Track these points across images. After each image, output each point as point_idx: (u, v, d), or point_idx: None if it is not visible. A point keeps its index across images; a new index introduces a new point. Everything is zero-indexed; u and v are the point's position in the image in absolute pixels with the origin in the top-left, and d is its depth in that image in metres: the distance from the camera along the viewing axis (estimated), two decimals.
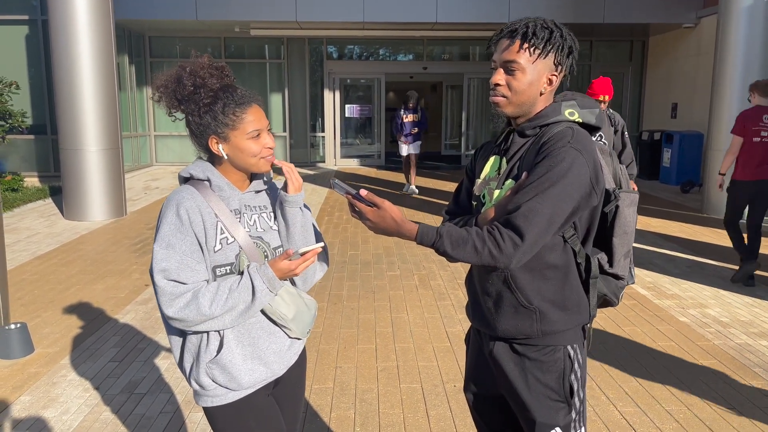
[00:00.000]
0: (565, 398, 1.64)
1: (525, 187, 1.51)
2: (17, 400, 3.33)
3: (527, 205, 1.47)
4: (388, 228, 1.52)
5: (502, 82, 1.59)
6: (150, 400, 3.33)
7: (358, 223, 8.11)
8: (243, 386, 1.66)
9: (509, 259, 1.47)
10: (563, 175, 1.48)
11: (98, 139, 8.23)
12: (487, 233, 1.49)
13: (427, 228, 1.52)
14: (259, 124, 1.64)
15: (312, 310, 1.78)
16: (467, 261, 1.50)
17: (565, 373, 1.63)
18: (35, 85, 12.27)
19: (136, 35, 13.82)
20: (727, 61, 8.58)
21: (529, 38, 1.55)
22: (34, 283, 5.44)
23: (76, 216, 8.30)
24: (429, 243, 1.51)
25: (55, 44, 8.03)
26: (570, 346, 1.64)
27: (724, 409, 3.23)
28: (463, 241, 1.49)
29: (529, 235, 1.46)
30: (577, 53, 1.62)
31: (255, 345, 1.69)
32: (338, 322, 4.49)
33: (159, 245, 1.58)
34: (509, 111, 1.61)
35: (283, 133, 14.90)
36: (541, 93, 1.60)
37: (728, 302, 4.97)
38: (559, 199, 1.48)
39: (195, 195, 1.63)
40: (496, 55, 1.61)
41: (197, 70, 1.64)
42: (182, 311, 1.54)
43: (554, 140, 1.54)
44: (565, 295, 1.62)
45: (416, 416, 3.15)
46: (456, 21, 12.31)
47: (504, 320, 1.64)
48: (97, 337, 4.21)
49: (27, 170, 12.35)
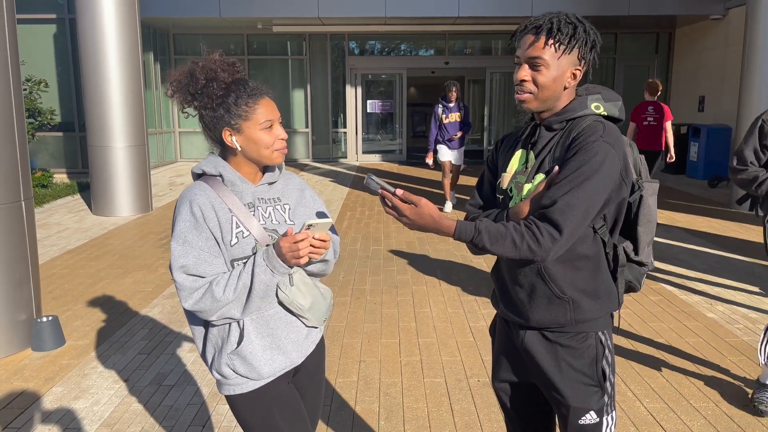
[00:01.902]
0: (598, 382, 1.68)
1: (559, 181, 1.53)
2: (49, 391, 3.42)
3: (563, 200, 1.50)
4: (426, 225, 1.54)
5: (528, 78, 1.60)
6: (177, 391, 3.38)
7: (380, 219, 8.13)
8: (263, 376, 1.70)
9: (547, 253, 1.50)
10: (597, 169, 1.51)
11: (125, 135, 8.36)
12: (524, 228, 1.51)
13: (464, 224, 1.54)
14: (271, 114, 1.67)
15: (327, 299, 1.82)
16: (506, 255, 1.52)
17: (597, 358, 1.67)
18: (63, 83, 12.49)
19: (161, 33, 13.98)
20: (756, 53, 8.39)
21: (554, 34, 1.56)
22: (64, 277, 5.56)
23: (104, 211, 8.45)
24: (468, 239, 1.53)
25: (83, 43, 8.17)
26: (601, 332, 1.69)
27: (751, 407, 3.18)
28: (502, 236, 1.51)
29: (567, 229, 1.49)
30: (599, 47, 1.64)
31: (273, 335, 1.72)
32: (361, 317, 4.51)
33: (176, 242, 1.62)
34: (535, 107, 1.63)
35: (305, 129, 14.96)
36: (565, 87, 1.62)
37: (757, 298, 4.89)
38: (594, 192, 1.51)
39: (208, 191, 1.66)
40: (520, 51, 1.62)
41: (209, 64, 1.67)
42: (199, 302, 1.59)
43: (586, 134, 1.56)
44: (596, 284, 1.66)
45: (440, 410, 3.16)
46: (478, 15, 12.23)
47: (537, 311, 1.67)
48: (125, 330, 4.29)
49: (56, 167, 12.59)
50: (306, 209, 1.81)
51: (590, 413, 1.67)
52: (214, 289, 1.59)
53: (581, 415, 1.67)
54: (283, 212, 1.76)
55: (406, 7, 12.12)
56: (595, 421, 1.67)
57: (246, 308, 1.64)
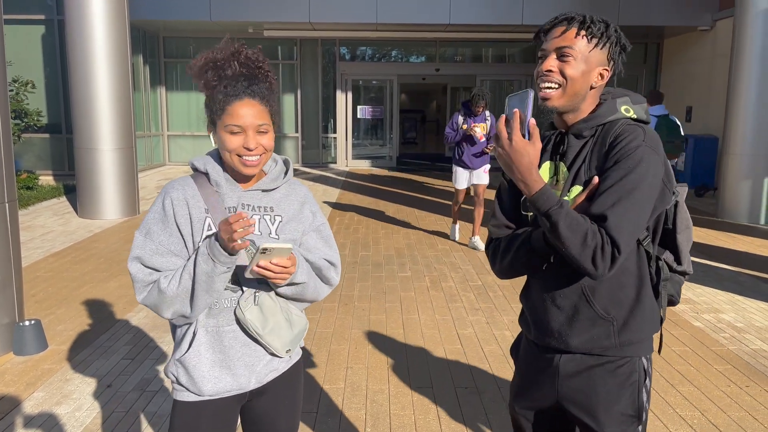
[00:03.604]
0: (636, 412, 1.56)
1: (604, 191, 1.42)
2: (30, 396, 3.36)
3: (614, 213, 1.38)
4: (521, 166, 1.39)
5: (555, 68, 1.47)
6: (161, 397, 3.34)
7: (369, 224, 8.11)
8: (204, 393, 1.61)
9: (605, 270, 1.39)
10: (644, 177, 1.41)
11: (112, 138, 8.29)
12: (597, 230, 1.38)
13: (550, 190, 1.40)
14: (241, 120, 1.54)
15: (296, 329, 1.66)
16: (566, 247, 1.38)
17: (639, 387, 1.55)
18: (51, 84, 12.39)
19: (151, 36, 13.92)
20: (743, 64, 8.49)
21: (587, 26, 1.47)
22: (48, 281, 5.49)
23: (90, 214, 8.37)
24: (545, 206, 1.38)
25: (71, 44, 8.11)
26: (645, 357, 1.56)
27: (738, 415, 3.19)
28: (579, 224, 1.38)
29: (623, 245, 1.38)
30: (626, 55, 1.54)
31: (226, 353, 1.62)
32: (349, 323, 4.49)
33: (139, 232, 1.59)
34: (560, 104, 1.50)
35: (295, 133, 14.94)
36: (592, 87, 1.50)
37: (743, 307, 4.91)
38: (644, 202, 1.41)
39: (187, 187, 1.61)
40: (547, 43, 1.50)
41: (239, 54, 1.61)
42: (148, 296, 1.56)
43: (626, 140, 1.45)
44: (641, 301, 1.53)
45: (427, 418, 3.14)
46: (469, 22, 12.28)
47: (579, 334, 1.54)
48: (109, 335, 4.24)
49: (42, 169, 12.47)
50: (299, 225, 1.68)
51: None
52: (161, 281, 1.54)
53: None
54: (271, 224, 1.64)
55: (397, 14, 12.15)
56: None
57: (193, 304, 1.54)
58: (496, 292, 5.25)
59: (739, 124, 8.57)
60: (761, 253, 6.75)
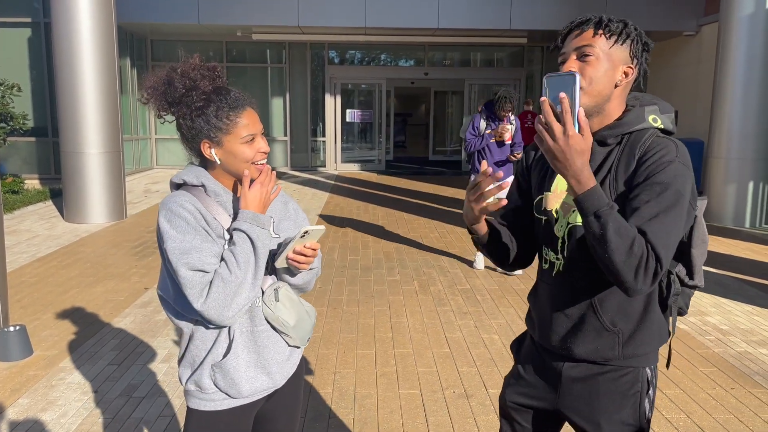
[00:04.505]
0: (638, 422, 1.54)
1: (642, 206, 1.36)
2: (15, 402, 3.32)
3: (655, 227, 1.33)
4: (575, 164, 1.31)
5: (576, 68, 1.42)
6: (148, 403, 3.32)
7: (358, 228, 8.11)
8: (242, 394, 1.63)
9: (646, 285, 1.33)
10: (681, 195, 1.36)
11: (99, 142, 8.23)
12: (643, 241, 1.32)
13: (601, 191, 1.33)
14: (253, 128, 1.59)
15: (312, 317, 1.76)
16: (610, 252, 1.31)
17: (642, 397, 1.53)
18: (37, 87, 12.29)
19: (138, 38, 13.85)
20: (728, 68, 8.59)
21: (605, 25, 1.44)
22: (33, 286, 5.44)
23: (77, 219, 8.30)
24: (595, 206, 1.31)
25: (57, 47, 8.05)
26: (649, 367, 1.54)
27: (724, 418, 3.22)
28: (627, 230, 1.31)
29: (665, 260, 1.32)
30: (649, 54, 1.49)
31: (260, 353, 1.65)
32: (338, 327, 4.48)
33: (172, 243, 1.51)
34: (583, 102, 1.44)
35: (284, 137, 14.91)
36: (616, 85, 1.45)
37: (728, 310, 4.96)
38: (680, 219, 1.36)
39: (192, 199, 1.58)
40: (566, 46, 1.47)
41: (188, 71, 1.57)
42: (211, 295, 1.50)
43: (660, 155, 1.40)
44: (649, 315, 1.51)
45: (415, 422, 3.14)
46: (457, 27, 12.34)
47: (584, 344, 1.52)
48: (96, 340, 4.20)
49: (28, 172, 12.36)
50: (290, 223, 1.76)
51: None
52: (222, 273, 1.51)
53: None
54: (269, 221, 1.71)
55: (385, 18, 12.18)
56: None
57: (255, 278, 1.55)
58: (484, 295, 5.27)
59: (725, 128, 8.67)
60: (746, 256, 6.82)
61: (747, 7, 8.33)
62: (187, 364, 1.65)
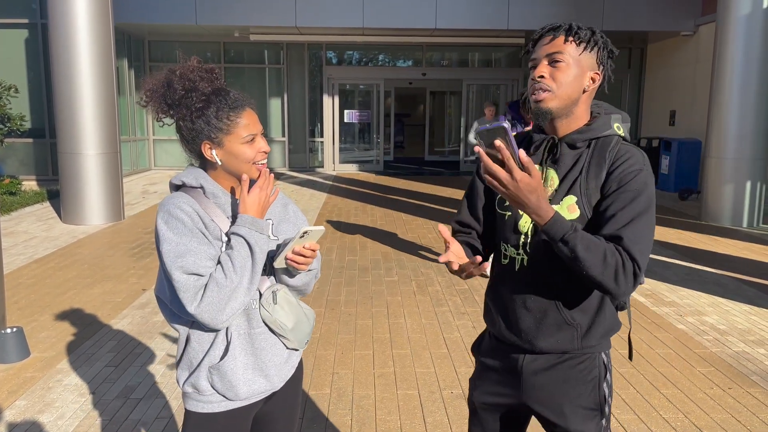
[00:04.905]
0: (599, 406, 1.63)
1: (615, 214, 1.45)
2: (12, 404, 3.32)
3: (629, 232, 1.42)
4: (528, 200, 1.36)
5: (546, 74, 1.52)
6: (146, 405, 3.31)
7: (356, 229, 8.11)
8: (240, 396, 1.63)
9: (628, 287, 1.42)
10: (651, 201, 1.47)
11: (97, 143, 8.22)
12: (615, 249, 1.41)
13: (562, 217, 1.41)
14: (253, 128, 1.60)
15: (311, 320, 1.75)
16: (587, 269, 1.40)
17: (599, 382, 1.63)
18: (34, 88, 12.28)
19: (136, 39, 13.84)
20: (725, 68, 8.60)
21: (574, 32, 1.52)
22: (30, 287, 5.43)
23: (74, 220, 8.29)
24: (560, 233, 1.39)
25: (55, 48, 8.04)
26: (604, 352, 1.64)
27: (721, 417, 3.22)
28: (596, 245, 1.40)
29: (642, 261, 1.41)
30: (613, 62, 1.60)
31: (258, 355, 1.65)
32: (336, 328, 4.48)
33: (168, 245, 1.51)
34: (553, 105, 1.52)
35: (282, 138, 14.91)
36: (584, 91, 1.55)
37: (726, 310, 4.97)
38: (652, 223, 1.46)
39: (190, 200, 1.59)
40: (537, 52, 1.55)
41: (187, 73, 1.58)
42: (204, 299, 1.50)
43: (629, 163, 1.50)
44: (603, 308, 1.60)
45: (413, 423, 3.14)
46: (455, 27, 12.35)
47: (544, 338, 1.60)
48: (93, 342, 4.20)
49: (25, 174, 12.34)
50: (290, 225, 1.76)
51: None
52: (217, 277, 1.51)
53: None
54: (267, 225, 1.70)
55: (383, 18, 12.19)
56: None
57: (251, 283, 1.56)
58: (482, 296, 5.27)
59: (722, 128, 8.68)
60: (744, 256, 6.83)
61: (744, 7, 8.35)
62: (185, 366, 1.65)
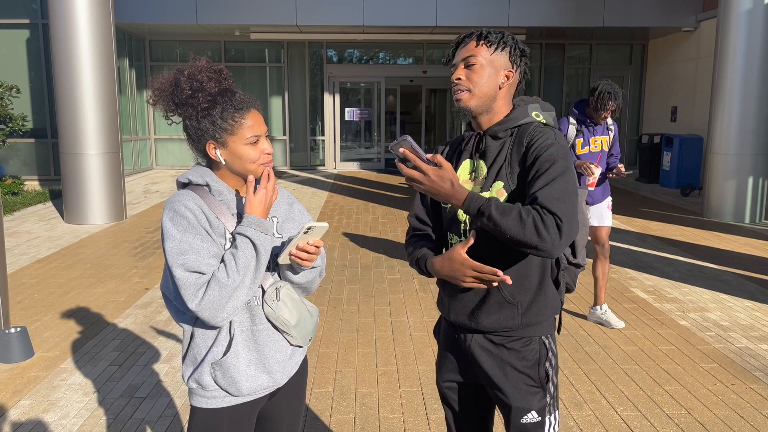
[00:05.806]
0: (540, 384, 1.74)
1: (532, 181, 1.58)
2: (17, 404, 3.33)
3: (544, 190, 1.53)
4: (444, 190, 1.54)
5: (463, 76, 1.69)
6: (149, 404, 3.32)
7: (358, 227, 8.11)
8: (242, 392, 1.64)
9: (555, 239, 1.49)
10: (567, 167, 1.58)
11: (98, 142, 8.24)
12: (530, 208, 1.52)
13: (475, 194, 1.56)
14: (257, 129, 1.62)
15: (314, 317, 1.77)
16: (507, 232, 1.50)
17: (540, 361, 1.74)
18: (36, 88, 12.29)
19: (137, 39, 13.84)
20: (726, 64, 8.59)
21: (485, 36, 1.69)
22: (34, 287, 5.44)
23: (77, 220, 8.31)
24: (475, 206, 1.53)
25: (56, 48, 8.05)
26: (545, 336, 1.75)
27: (724, 413, 3.22)
28: (509, 207, 1.52)
29: (561, 212, 1.49)
30: (528, 59, 1.75)
31: (260, 351, 1.67)
32: (338, 326, 4.49)
33: (171, 243, 1.53)
34: (473, 104, 1.69)
35: (283, 136, 14.91)
36: (500, 87, 1.69)
37: (728, 306, 4.97)
38: (570, 182, 1.56)
39: (196, 198, 1.61)
40: (456, 58, 1.73)
41: (195, 73, 1.60)
42: (206, 296, 1.51)
43: (542, 139, 1.63)
44: (543, 288, 1.72)
45: (416, 420, 3.14)
46: (456, 25, 12.33)
47: (488, 316, 1.72)
48: (96, 341, 4.21)
49: (27, 174, 12.36)
50: (295, 223, 1.78)
51: (531, 413, 1.72)
52: (219, 276, 1.52)
53: (522, 415, 1.72)
54: (271, 225, 1.71)
55: (383, 16, 12.18)
56: (536, 420, 1.73)
57: (253, 283, 1.57)
58: None
59: (724, 124, 8.66)
60: (746, 252, 6.83)
61: (745, 3, 8.33)
62: (189, 362, 1.67)
